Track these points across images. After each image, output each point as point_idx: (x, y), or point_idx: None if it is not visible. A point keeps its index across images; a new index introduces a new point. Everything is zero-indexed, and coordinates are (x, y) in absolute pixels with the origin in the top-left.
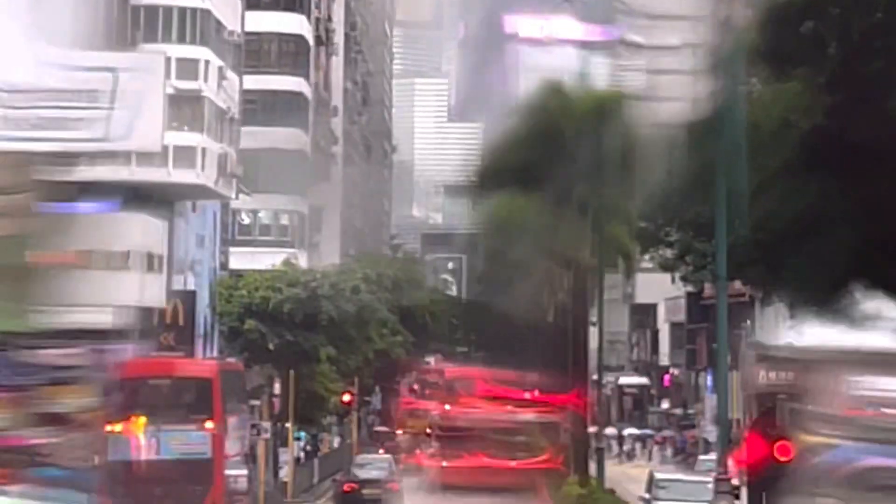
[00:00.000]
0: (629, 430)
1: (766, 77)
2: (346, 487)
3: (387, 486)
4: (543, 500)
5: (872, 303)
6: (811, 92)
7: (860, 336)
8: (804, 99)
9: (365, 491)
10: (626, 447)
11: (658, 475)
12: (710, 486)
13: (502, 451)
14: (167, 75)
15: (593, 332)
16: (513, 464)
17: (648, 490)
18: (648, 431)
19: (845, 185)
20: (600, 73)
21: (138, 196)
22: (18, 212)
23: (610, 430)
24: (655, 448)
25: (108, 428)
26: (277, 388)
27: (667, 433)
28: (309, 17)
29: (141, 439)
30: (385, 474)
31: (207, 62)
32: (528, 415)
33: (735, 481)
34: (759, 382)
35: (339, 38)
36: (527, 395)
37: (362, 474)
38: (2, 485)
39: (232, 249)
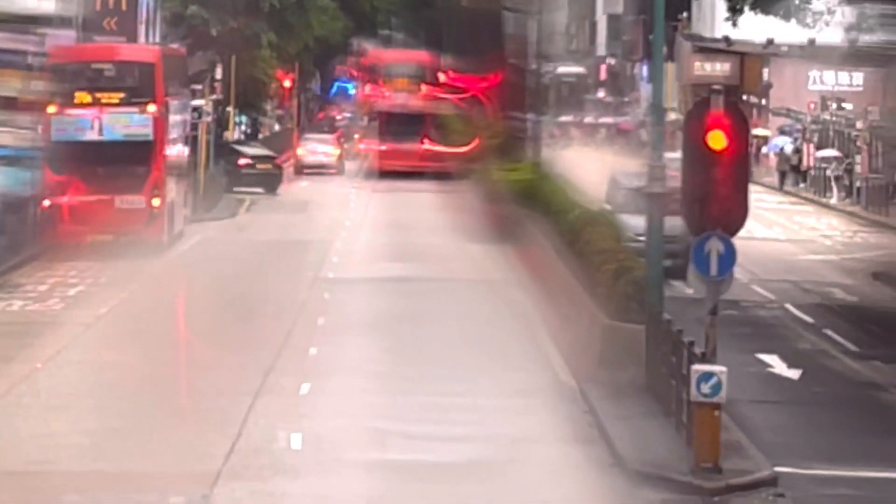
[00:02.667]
0: (604, 119)
1: None
2: (240, 163)
3: (269, 163)
4: (473, 185)
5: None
6: None
7: (798, 31)
8: None
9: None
10: (599, 135)
11: (621, 180)
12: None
13: (434, 137)
14: None
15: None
16: (445, 149)
17: (609, 200)
18: (622, 119)
19: None
20: None
21: None
22: None
23: (589, 119)
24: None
25: (52, 110)
26: (219, 73)
27: (631, 119)
28: None
29: (84, 121)
30: (267, 152)
31: None
32: (456, 101)
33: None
34: (695, 73)
35: None
36: (457, 83)
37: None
38: None
39: None
